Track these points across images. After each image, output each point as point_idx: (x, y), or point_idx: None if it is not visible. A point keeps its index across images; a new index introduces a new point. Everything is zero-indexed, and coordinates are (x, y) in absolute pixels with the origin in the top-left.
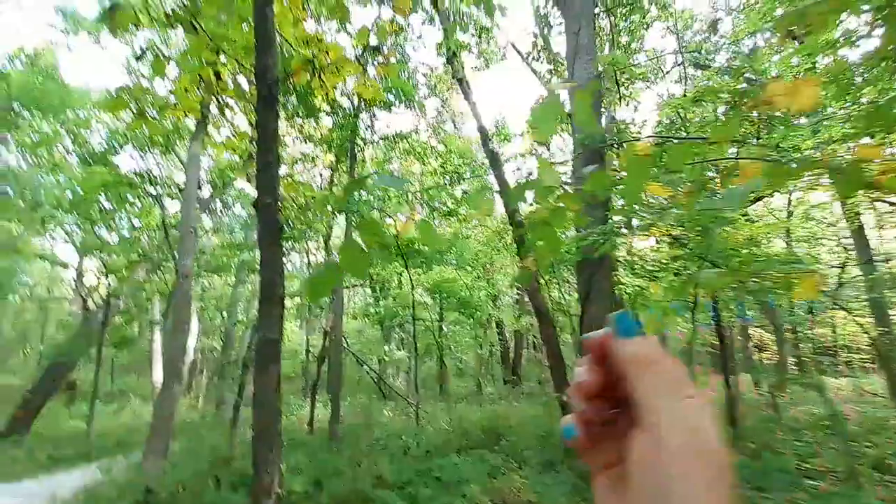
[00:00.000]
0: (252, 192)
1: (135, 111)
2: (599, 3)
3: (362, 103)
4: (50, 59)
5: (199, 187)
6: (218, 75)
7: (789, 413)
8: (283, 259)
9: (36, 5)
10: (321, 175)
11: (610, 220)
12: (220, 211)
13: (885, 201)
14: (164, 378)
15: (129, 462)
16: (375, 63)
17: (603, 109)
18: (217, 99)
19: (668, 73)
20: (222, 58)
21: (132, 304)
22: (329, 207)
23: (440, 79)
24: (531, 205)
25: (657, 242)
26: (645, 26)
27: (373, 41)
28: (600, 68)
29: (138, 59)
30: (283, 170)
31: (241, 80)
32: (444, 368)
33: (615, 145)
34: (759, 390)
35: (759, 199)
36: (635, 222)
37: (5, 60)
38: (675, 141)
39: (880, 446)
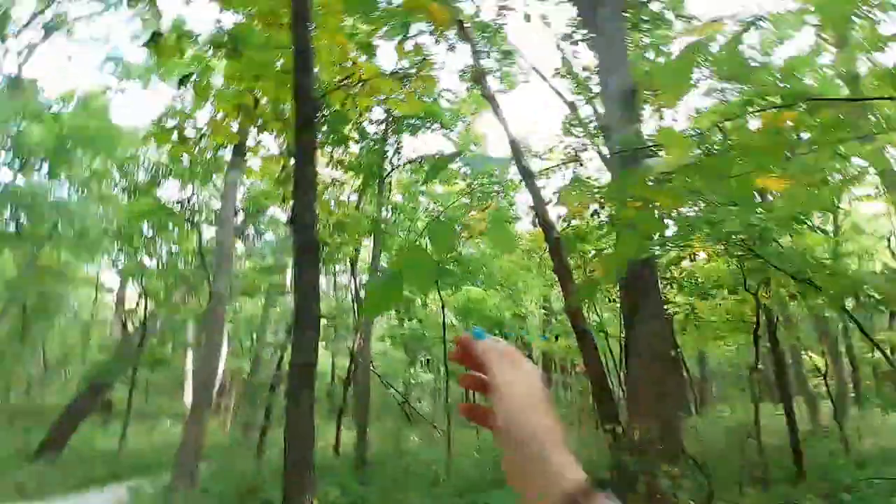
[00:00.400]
0: (283, 217)
1: (176, 140)
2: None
3: (389, 129)
4: (100, 101)
5: (235, 213)
6: (256, 102)
7: (856, 446)
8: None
9: (86, 50)
10: (348, 199)
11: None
12: (253, 237)
13: None
14: (194, 400)
15: (158, 484)
16: (408, 83)
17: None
18: (255, 125)
19: (696, 84)
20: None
21: (168, 326)
22: (362, 229)
23: (464, 102)
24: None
25: (708, 259)
26: (670, 41)
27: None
28: (634, 81)
29: (181, 83)
30: None
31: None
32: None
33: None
34: (817, 420)
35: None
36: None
37: (57, 102)
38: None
39: None
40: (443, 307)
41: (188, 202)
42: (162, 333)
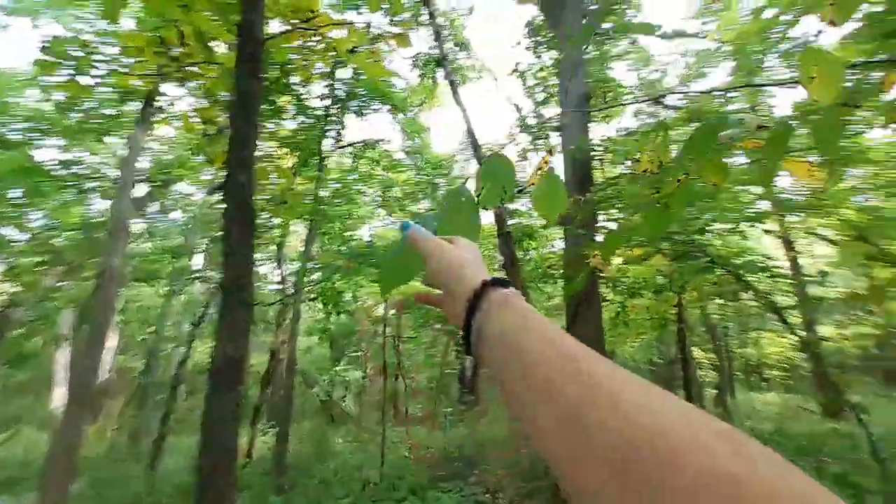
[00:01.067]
0: (199, 190)
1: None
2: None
3: (333, 106)
4: None
5: (133, 185)
6: (181, 35)
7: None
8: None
9: None
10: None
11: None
12: (157, 214)
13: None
14: (69, 401)
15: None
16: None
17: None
18: (177, 70)
19: (638, 102)
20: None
21: (36, 314)
22: (303, 209)
23: (413, 90)
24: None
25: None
26: (615, 59)
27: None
28: (590, 86)
29: None
30: None
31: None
32: (408, 389)
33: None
34: (703, 405)
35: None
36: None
37: None
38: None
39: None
40: (384, 299)
41: (74, 164)
42: (28, 323)
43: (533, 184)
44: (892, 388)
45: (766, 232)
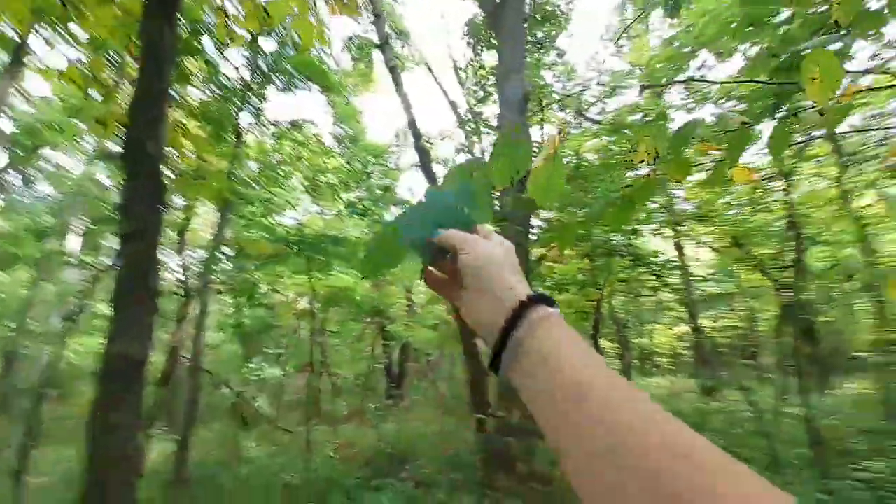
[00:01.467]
0: (71, 162)
1: None
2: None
3: (254, 77)
4: None
5: None
6: None
7: None
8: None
9: None
10: (191, 153)
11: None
12: (19, 187)
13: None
14: None
15: None
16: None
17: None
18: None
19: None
20: None
21: None
22: (222, 186)
23: (347, 75)
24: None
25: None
26: (546, 67)
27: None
28: (528, 88)
29: None
30: None
31: None
32: (333, 386)
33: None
34: None
35: None
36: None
37: None
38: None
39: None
40: (313, 291)
41: None
42: None
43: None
44: (752, 371)
45: (662, 236)
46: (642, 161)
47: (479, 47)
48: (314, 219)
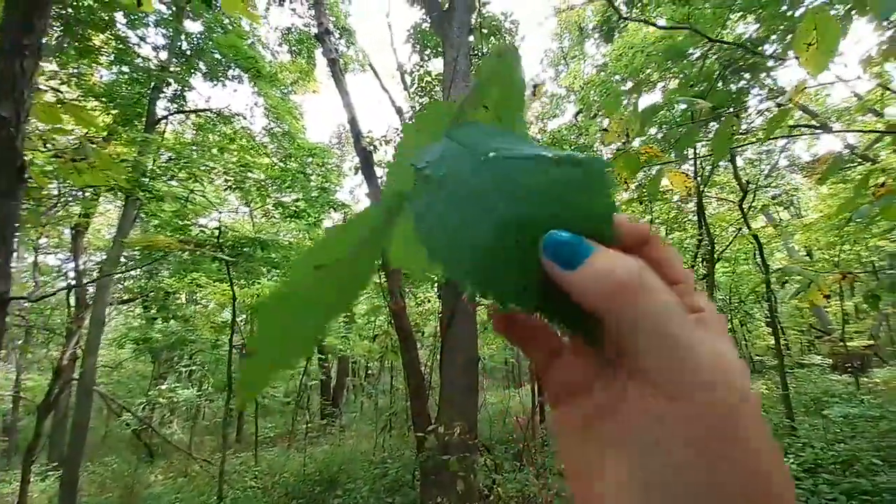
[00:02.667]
0: None
1: None
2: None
3: (174, 59)
4: None
5: None
6: None
7: None
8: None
9: None
10: (91, 140)
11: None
12: None
13: None
14: None
15: None
16: None
17: None
18: None
19: None
20: None
21: None
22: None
23: (283, 67)
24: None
25: None
26: None
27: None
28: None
29: None
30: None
31: None
32: (258, 406)
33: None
34: None
35: None
36: None
37: None
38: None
39: None
40: (234, 300)
41: None
42: None
43: None
44: None
45: None
46: (611, 143)
47: (426, 54)
48: (243, 221)
